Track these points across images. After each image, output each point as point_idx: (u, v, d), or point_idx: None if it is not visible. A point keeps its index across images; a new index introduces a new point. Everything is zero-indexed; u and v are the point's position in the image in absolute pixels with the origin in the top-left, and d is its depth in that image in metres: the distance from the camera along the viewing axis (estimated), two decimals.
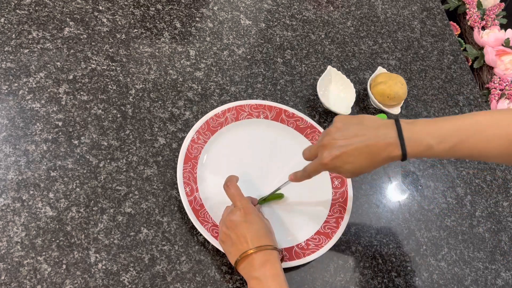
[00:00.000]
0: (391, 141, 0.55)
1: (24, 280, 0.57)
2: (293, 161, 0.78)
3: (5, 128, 0.67)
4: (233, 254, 0.60)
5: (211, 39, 0.89)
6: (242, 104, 0.78)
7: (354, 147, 0.55)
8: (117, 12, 0.85)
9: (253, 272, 0.57)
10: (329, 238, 0.70)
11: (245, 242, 0.58)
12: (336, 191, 0.76)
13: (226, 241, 0.61)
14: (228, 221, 0.61)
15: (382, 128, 0.56)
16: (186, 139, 0.71)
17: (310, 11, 1.03)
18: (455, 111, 1.00)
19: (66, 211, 0.63)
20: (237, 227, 0.60)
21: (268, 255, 0.58)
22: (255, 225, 0.60)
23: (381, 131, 0.56)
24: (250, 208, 0.62)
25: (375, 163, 0.56)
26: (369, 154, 0.56)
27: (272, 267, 0.57)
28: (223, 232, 0.61)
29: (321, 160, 0.58)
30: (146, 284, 0.61)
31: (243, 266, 0.58)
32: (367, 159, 0.56)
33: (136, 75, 0.79)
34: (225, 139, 0.76)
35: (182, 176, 0.68)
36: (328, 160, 0.57)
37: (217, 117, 0.75)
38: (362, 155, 0.56)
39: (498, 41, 1.39)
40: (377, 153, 0.55)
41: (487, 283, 0.77)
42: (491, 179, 0.91)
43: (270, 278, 0.56)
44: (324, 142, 0.58)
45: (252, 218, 0.61)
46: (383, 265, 0.73)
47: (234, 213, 0.61)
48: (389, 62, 1.02)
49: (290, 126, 0.80)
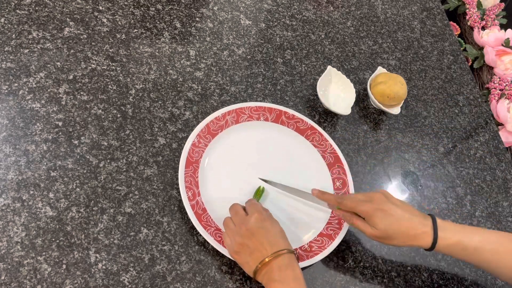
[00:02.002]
0: (426, 229, 0.62)
1: (24, 280, 0.57)
2: (293, 162, 0.78)
3: (5, 128, 0.67)
4: (251, 263, 0.59)
5: (211, 39, 0.89)
6: (242, 106, 0.78)
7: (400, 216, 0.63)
8: (117, 12, 0.85)
9: (274, 276, 0.57)
10: (332, 240, 0.70)
11: (264, 249, 0.58)
12: (338, 192, 0.76)
13: (242, 251, 0.60)
14: (244, 230, 0.60)
15: (420, 216, 0.64)
16: (187, 143, 0.71)
17: (310, 11, 1.03)
18: (455, 111, 1.00)
19: (66, 211, 0.63)
20: (254, 235, 0.60)
21: (287, 259, 0.58)
22: (271, 230, 0.61)
23: (419, 218, 0.63)
24: (263, 213, 0.63)
25: (406, 239, 0.63)
26: (406, 229, 0.62)
27: (293, 271, 0.57)
28: (238, 243, 0.60)
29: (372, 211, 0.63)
30: (146, 284, 0.61)
31: (264, 273, 0.58)
32: (402, 232, 0.62)
33: (136, 75, 0.79)
34: (226, 142, 0.75)
35: (184, 180, 0.67)
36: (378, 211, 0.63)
37: (217, 120, 0.75)
38: (401, 225, 0.62)
39: (498, 41, 1.40)
40: (412, 235, 0.62)
41: (487, 283, 0.77)
42: (491, 179, 0.91)
43: (292, 280, 0.56)
44: (380, 205, 0.63)
45: (268, 224, 0.61)
46: (383, 265, 0.73)
47: (248, 221, 0.61)
48: (389, 62, 1.02)
49: (291, 127, 0.80)
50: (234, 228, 0.62)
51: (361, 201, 0.65)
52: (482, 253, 0.61)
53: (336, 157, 0.78)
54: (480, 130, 0.99)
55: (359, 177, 0.81)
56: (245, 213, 0.64)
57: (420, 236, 0.61)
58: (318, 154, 0.79)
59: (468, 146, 0.95)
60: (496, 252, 0.61)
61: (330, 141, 0.79)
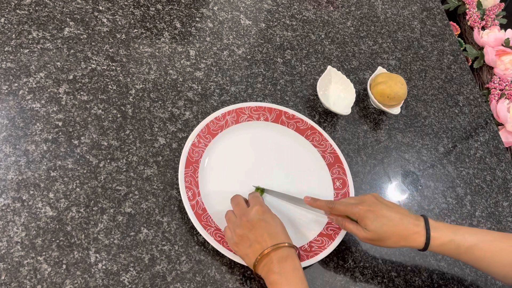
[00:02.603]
0: (418, 229, 0.62)
1: (24, 280, 0.57)
2: (294, 162, 0.78)
3: (5, 128, 0.67)
4: (251, 255, 0.60)
5: (211, 39, 0.89)
6: (242, 106, 0.78)
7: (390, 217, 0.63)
8: (117, 12, 0.85)
9: (274, 268, 0.57)
10: (332, 240, 0.70)
11: (264, 241, 0.59)
12: (338, 192, 0.76)
13: (242, 243, 0.60)
14: (244, 221, 0.61)
15: (412, 217, 0.64)
16: (187, 143, 0.71)
17: (310, 11, 1.03)
18: (455, 111, 1.00)
19: (66, 211, 0.63)
20: (254, 226, 0.60)
21: (286, 251, 0.59)
22: (272, 223, 0.61)
23: (411, 219, 0.63)
24: (265, 206, 0.64)
25: (398, 240, 0.63)
26: (398, 230, 0.62)
27: (292, 262, 0.58)
28: (238, 234, 0.61)
29: (363, 211, 0.64)
30: (146, 284, 0.61)
31: (263, 264, 0.58)
32: (394, 233, 0.62)
33: (136, 75, 0.79)
34: (226, 142, 0.75)
35: (184, 180, 0.67)
36: (369, 213, 0.63)
37: (217, 120, 0.75)
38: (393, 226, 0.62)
39: (498, 41, 1.40)
40: (404, 236, 0.62)
41: (487, 283, 0.77)
42: (491, 179, 0.91)
43: (291, 271, 0.57)
44: (371, 207, 0.64)
45: (268, 217, 0.62)
46: (383, 265, 0.73)
47: (249, 213, 0.62)
48: (389, 62, 1.02)
49: (291, 127, 0.80)
50: (235, 220, 0.63)
51: (352, 204, 0.65)
52: (474, 252, 0.61)
53: (336, 157, 0.78)
54: (480, 130, 0.99)
55: (359, 177, 0.81)
56: (246, 205, 0.64)
57: (412, 236, 0.62)
58: (318, 154, 0.79)
59: (468, 146, 0.95)
60: (488, 251, 0.61)
61: (330, 141, 0.79)
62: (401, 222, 0.62)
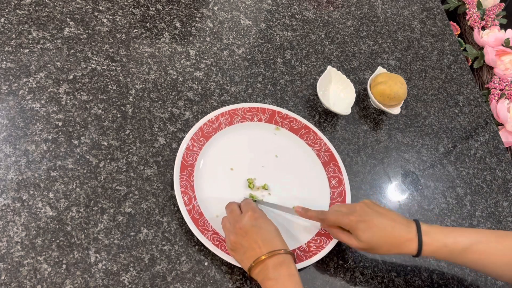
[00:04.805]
0: (411, 236, 0.62)
1: (24, 280, 0.57)
2: (289, 162, 0.78)
3: (5, 128, 0.67)
4: (245, 262, 0.59)
5: (211, 39, 0.89)
6: (235, 108, 0.78)
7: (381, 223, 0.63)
8: (117, 12, 0.85)
9: (269, 274, 0.57)
10: (330, 239, 0.70)
11: (258, 247, 0.58)
12: (334, 190, 0.76)
13: (237, 250, 0.61)
14: (237, 229, 0.60)
15: (403, 223, 0.63)
16: (181, 147, 0.70)
17: (310, 11, 1.03)
18: (455, 111, 1.00)
19: (66, 211, 0.63)
20: (247, 233, 0.60)
21: (282, 257, 0.58)
22: (265, 228, 0.61)
23: (403, 226, 0.63)
24: (257, 211, 0.63)
25: (390, 248, 0.63)
26: (390, 238, 0.62)
27: (288, 268, 0.57)
28: (232, 241, 0.61)
29: (354, 223, 0.63)
30: (146, 284, 0.61)
31: (258, 271, 0.58)
32: (386, 242, 0.62)
33: (136, 75, 0.79)
34: (220, 144, 0.75)
35: (179, 185, 0.67)
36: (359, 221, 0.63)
37: (211, 123, 0.75)
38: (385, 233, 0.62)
39: (498, 41, 1.40)
40: (397, 244, 0.62)
41: (487, 283, 0.77)
42: (491, 179, 0.91)
43: (287, 278, 0.56)
44: (362, 217, 0.63)
45: (261, 222, 0.61)
46: (383, 265, 0.73)
47: (242, 219, 0.61)
48: (389, 62, 1.02)
49: (284, 127, 0.80)
50: (229, 227, 0.62)
51: (343, 214, 0.64)
52: (468, 255, 0.61)
53: (331, 155, 0.78)
54: (480, 130, 0.99)
55: (359, 177, 0.81)
56: (240, 212, 0.64)
57: (404, 244, 0.61)
58: (313, 153, 0.79)
59: (468, 146, 0.95)
60: (483, 253, 0.61)
61: (325, 139, 0.79)
62: (393, 230, 0.62)
